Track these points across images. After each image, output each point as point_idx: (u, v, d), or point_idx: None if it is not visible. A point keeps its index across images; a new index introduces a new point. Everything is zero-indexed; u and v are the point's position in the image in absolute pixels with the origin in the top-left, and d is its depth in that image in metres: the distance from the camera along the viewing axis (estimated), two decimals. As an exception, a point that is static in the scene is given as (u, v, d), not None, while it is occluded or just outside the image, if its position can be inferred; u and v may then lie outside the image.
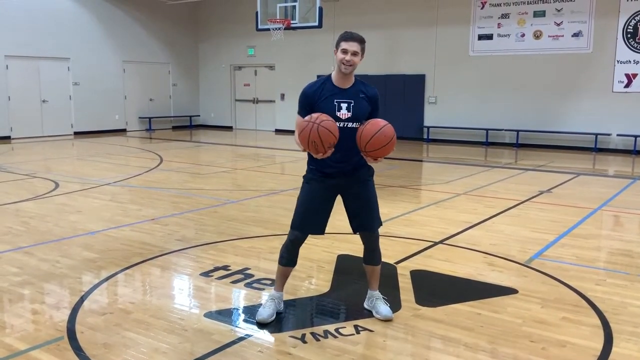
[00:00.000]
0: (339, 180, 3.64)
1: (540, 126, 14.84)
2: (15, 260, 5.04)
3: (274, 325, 3.73)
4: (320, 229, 3.70)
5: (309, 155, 3.63)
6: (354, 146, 3.51)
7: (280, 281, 3.85)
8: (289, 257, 3.75)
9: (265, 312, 3.72)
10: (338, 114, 3.50)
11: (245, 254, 5.26)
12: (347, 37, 3.54)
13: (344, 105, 3.52)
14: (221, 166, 11.57)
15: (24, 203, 7.54)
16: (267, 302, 3.82)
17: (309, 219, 3.66)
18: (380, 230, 3.83)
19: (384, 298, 3.89)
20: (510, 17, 15.08)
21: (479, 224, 6.50)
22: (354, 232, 3.80)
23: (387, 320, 3.74)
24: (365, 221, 3.72)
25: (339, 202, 3.76)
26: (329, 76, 3.62)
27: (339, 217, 4.02)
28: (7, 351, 3.31)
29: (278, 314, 3.81)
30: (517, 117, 15.16)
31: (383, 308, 3.80)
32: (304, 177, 3.75)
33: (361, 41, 3.54)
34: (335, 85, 3.57)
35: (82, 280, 4.57)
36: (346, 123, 3.52)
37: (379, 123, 3.46)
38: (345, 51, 3.50)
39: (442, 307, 4.01)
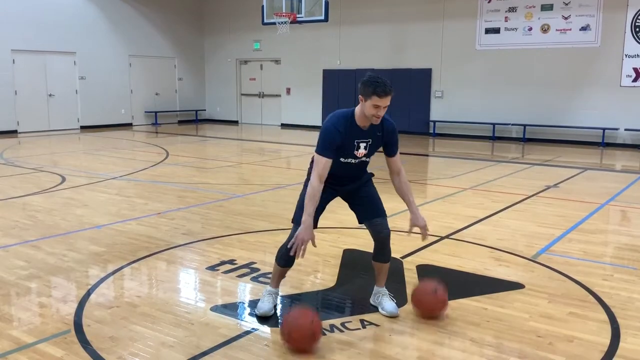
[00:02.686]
0: (343, 188, 3.73)
1: (547, 121, 14.77)
2: (22, 254, 5.06)
3: (280, 319, 3.73)
4: (315, 223, 3.65)
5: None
6: (359, 174, 3.72)
7: (277, 280, 3.85)
8: (288, 259, 3.71)
9: (265, 306, 3.73)
10: (356, 152, 3.55)
11: (251, 248, 5.26)
12: (381, 92, 3.31)
13: (362, 145, 3.54)
14: (227, 160, 11.57)
15: (30, 197, 7.57)
16: (265, 296, 3.82)
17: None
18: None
19: (390, 294, 3.88)
20: (518, 11, 14.99)
21: (486, 219, 6.48)
22: (361, 222, 3.76)
23: (393, 316, 3.73)
24: (373, 208, 3.72)
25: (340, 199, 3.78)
26: (353, 115, 3.49)
27: (344, 211, 4.01)
28: (15, 344, 3.33)
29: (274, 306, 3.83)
30: (524, 111, 15.09)
31: (389, 304, 3.78)
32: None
33: (392, 91, 3.37)
34: (358, 126, 3.50)
35: (88, 274, 4.58)
36: (360, 159, 3.61)
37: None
38: (377, 107, 3.36)
39: (448, 301, 3.99)
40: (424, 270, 4.65)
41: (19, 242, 5.42)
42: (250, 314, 3.80)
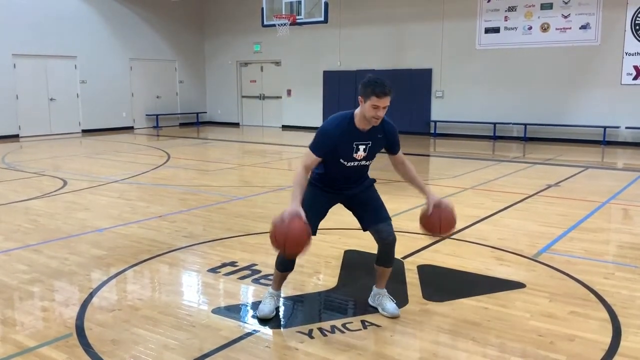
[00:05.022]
0: (344, 192, 3.70)
1: (548, 119, 14.76)
2: (25, 258, 5.07)
3: (282, 320, 3.75)
4: (314, 231, 3.63)
5: (319, 173, 3.66)
6: (360, 177, 3.67)
7: (278, 283, 3.84)
8: (286, 264, 3.72)
9: (267, 308, 3.73)
10: (355, 155, 3.54)
11: (253, 250, 5.27)
12: (380, 92, 3.31)
13: (361, 147, 3.53)
14: (228, 163, 11.59)
15: (32, 201, 7.59)
16: (266, 298, 3.82)
17: (309, 220, 3.63)
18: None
19: (389, 295, 3.87)
20: (517, 10, 14.99)
21: (487, 219, 6.48)
22: (365, 229, 3.72)
23: (394, 317, 3.73)
24: (377, 214, 3.68)
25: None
26: (352, 117, 3.48)
27: (345, 212, 4.01)
28: (17, 348, 3.34)
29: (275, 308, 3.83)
30: (524, 110, 15.08)
31: (390, 305, 3.79)
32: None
33: (391, 91, 3.35)
34: (357, 128, 3.49)
35: (90, 278, 4.59)
36: (359, 162, 3.58)
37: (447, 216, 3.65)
38: (376, 107, 3.36)
39: (449, 301, 4.00)
40: (425, 271, 4.66)
41: (21, 247, 5.44)
42: (252, 316, 3.81)
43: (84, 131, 17.58)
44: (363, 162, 3.60)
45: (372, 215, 3.69)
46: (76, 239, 5.72)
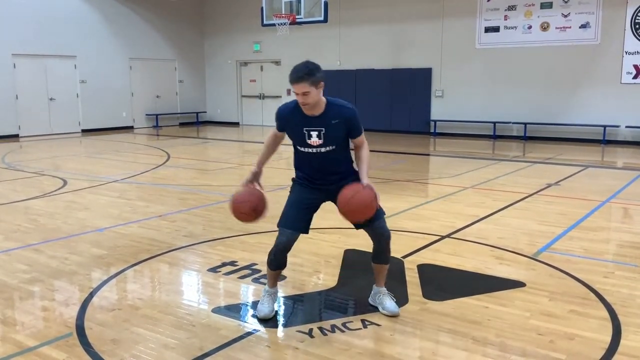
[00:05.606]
0: (326, 187, 3.65)
1: (548, 119, 14.76)
2: (25, 258, 5.07)
3: (282, 320, 3.75)
4: (304, 227, 3.65)
5: (294, 165, 3.76)
6: (331, 167, 3.59)
7: (272, 280, 3.84)
8: (277, 263, 3.72)
9: (266, 308, 3.73)
10: (309, 141, 3.52)
11: (253, 250, 5.27)
12: (292, 79, 3.33)
13: (314, 134, 3.49)
14: (228, 162, 11.59)
15: (32, 201, 7.59)
16: (263, 297, 3.82)
17: (294, 215, 3.64)
18: (388, 223, 3.79)
19: (390, 294, 3.87)
20: (517, 9, 14.99)
21: (487, 218, 6.48)
22: (358, 227, 3.68)
23: (394, 315, 3.73)
24: None
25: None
26: (297, 103, 3.50)
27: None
28: (18, 348, 3.34)
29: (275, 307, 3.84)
30: (524, 109, 15.08)
31: (390, 304, 3.79)
32: (292, 179, 3.82)
33: (308, 76, 3.31)
34: (305, 114, 3.47)
35: (90, 277, 4.59)
36: (319, 149, 3.54)
37: (348, 194, 3.38)
38: (297, 94, 3.38)
39: (449, 300, 4.00)
40: (425, 270, 4.66)
41: (21, 246, 5.44)
42: (252, 316, 3.81)
43: (83, 131, 17.58)
44: (323, 149, 3.53)
45: None
46: (76, 238, 5.72)
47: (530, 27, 14.85)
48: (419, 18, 16.35)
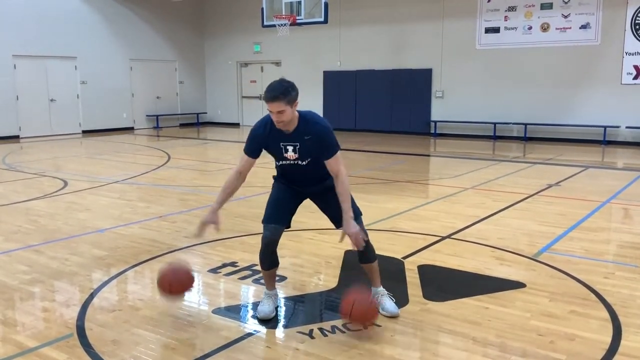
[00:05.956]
0: (308, 190, 3.71)
1: (549, 119, 14.76)
2: (25, 259, 5.07)
3: (282, 321, 3.75)
4: (286, 221, 3.70)
5: (276, 173, 3.78)
6: (312, 174, 3.60)
7: (269, 282, 3.86)
8: (267, 261, 3.75)
9: (266, 309, 3.74)
10: (286, 155, 3.55)
11: (253, 251, 5.25)
12: (267, 98, 3.31)
13: (289, 148, 3.52)
14: (228, 163, 11.58)
15: (33, 202, 7.59)
16: (264, 299, 3.83)
17: (276, 210, 3.70)
18: (388, 225, 3.80)
19: (388, 294, 3.87)
20: (517, 10, 14.99)
21: (487, 218, 6.48)
22: (337, 227, 3.66)
23: (394, 316, 3.73)
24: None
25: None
26: (271, 119, 3.48)
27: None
28: (18, 348, 3.34)
29: (275, 308, 3.85)
30: (525, 110, 15.07)
31: (389, 304, 3.78)
32: (273, 177, 3.86)
33: (284, 96, 3.28)
34: (279, 130, 3.47)
35: (91, 278, 4.60)
36: (295, 162, 3.57)
37: (346, 309, 3.44)
38: (271, 112, 3.36)
39: (450, 301, 4.00)
40: (425, 270, 4.66)
41: (21, 247, 5.44)
42: (252, 316, 3.82)
43: (84, 132, 17.59)
44: (300, 162, 3.55)
45: (340, 213, 3.53)
46: (77, 239, 5.72)
47: (530, 28, 14.86)
48: (419, 19, 16.35)
